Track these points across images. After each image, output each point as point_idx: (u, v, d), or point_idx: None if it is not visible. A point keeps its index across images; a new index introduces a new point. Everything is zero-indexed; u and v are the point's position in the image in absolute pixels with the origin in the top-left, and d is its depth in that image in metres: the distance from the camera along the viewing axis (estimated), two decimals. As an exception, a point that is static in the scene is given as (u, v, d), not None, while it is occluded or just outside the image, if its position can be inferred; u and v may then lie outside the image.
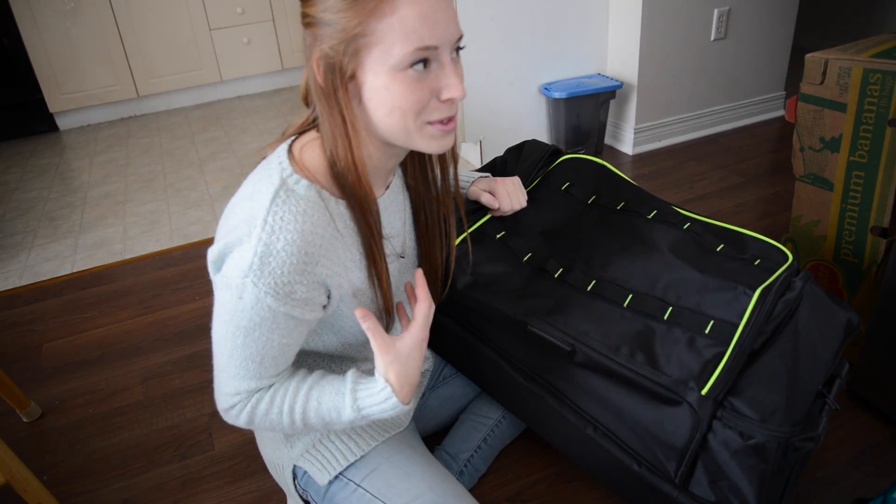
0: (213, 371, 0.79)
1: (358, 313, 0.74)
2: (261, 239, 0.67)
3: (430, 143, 0.72)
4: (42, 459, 1.26)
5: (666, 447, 0.86)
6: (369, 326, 0.74)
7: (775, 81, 2.65)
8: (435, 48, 0.65)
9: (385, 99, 0.67)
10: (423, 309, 0.77)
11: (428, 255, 0.91)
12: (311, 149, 0.74)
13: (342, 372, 0.91)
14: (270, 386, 0.80)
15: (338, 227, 0.74)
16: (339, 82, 0.67)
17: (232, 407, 0.79)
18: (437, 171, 0.86)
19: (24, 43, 3.03)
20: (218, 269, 0.73)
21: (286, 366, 0.79)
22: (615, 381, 0.88)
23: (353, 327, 0.83)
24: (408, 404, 0.78)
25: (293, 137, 0.77)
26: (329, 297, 0.76)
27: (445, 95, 0.68)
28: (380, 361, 0.77)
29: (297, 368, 0.86)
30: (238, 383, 0.77)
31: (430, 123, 0.70)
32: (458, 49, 0.70)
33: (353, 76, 0.67)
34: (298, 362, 0.88)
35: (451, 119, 0.71)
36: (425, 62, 0.66)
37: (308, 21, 0.67)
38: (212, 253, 0.73)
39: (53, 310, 1.76)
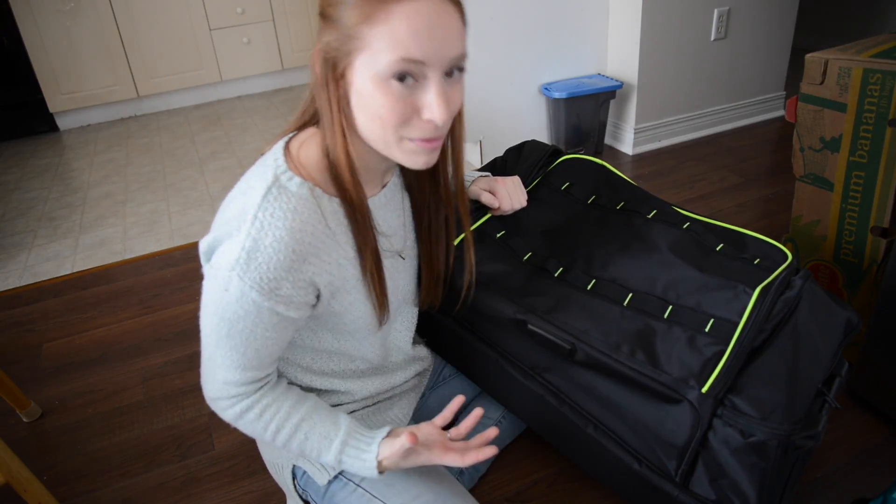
0: (201, 358, 0.80)
1: (407, 438, 0.78)
2: (249, 234, 0.68)
3: (408, 158, 0.71)
4: (42, 459, 1.26)
5: (666, 445, 0.86)
6: (411, 448, 0.80)
7: (775, 81, 2.65)
8: (421, 63, 0.65)
9: (368, 105, 0.68)
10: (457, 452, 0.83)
11: (430, 256, 0.91)
12: (309, 145, 0.75)
13: (338, 370, 0.91)
14: (260, 388, 0.81)
15: (329, 224, 0.74)
16: (331, 77, 0.69)
17: (219, 398, 0.81)
18: (440, 173, 0.86)
19: (24, 43, 3.03)
20: (208, 259, 0.74)
21: (272, 358, 0.79)
22: (615, 379, 0.88)
23: (348, 325, 0.83)
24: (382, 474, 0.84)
25: (292, 134, 0.78)
26: (318, 297, 0.77)
27: (425, 116, 0.68)
28: (389, 450, 0.81)
29: (290, 383, 0.88)
30: (224, 373, 0.78)
31: (411, 139, 0.70)
32: (459, 69, 0.70)
33: (344, 75, 0.68)
34: (293, 357, 0.88)
35: (434, 138, 0.70)
36: (410, 76, 0.65)
37: (321, 13, 0.69)
38: (203, 244, 0.74)
39: (53, 310, 1.76)
